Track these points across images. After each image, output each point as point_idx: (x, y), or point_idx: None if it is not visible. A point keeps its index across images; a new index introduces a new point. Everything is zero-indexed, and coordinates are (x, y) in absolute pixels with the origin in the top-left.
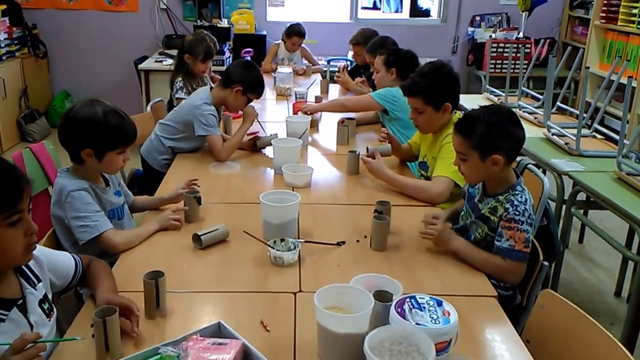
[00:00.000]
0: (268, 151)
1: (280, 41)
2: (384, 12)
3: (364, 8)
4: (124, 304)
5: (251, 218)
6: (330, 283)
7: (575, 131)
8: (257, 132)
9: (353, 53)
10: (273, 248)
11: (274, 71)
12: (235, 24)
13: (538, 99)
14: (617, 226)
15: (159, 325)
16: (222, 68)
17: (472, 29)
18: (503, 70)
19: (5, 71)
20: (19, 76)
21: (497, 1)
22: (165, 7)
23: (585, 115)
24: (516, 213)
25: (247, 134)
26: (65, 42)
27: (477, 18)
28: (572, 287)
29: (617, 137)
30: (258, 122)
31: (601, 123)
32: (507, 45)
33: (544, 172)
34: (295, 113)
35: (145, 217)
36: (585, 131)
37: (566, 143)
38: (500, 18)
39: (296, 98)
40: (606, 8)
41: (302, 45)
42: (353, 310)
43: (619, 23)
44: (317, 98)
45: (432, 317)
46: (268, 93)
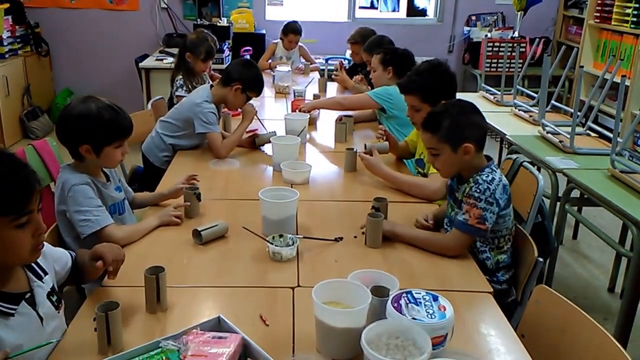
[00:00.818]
0: (267, 148)
1: (278, 40)
2: (381, 12)
3: (362, 7)
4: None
5: (250, 214)
6: (328, 278)
7: (569, 129)
8: (257, 130)
9: (351, 52)
10: (272, 244)
11: (271, 69)
12: (234, 23)
13: (533, 98)
14: (611, 223)
15: (160, 319)
16: (222, 66)
17: (468, 29)
18: (498, 69)
19: (8, 69)
20: (22, 74)
21: (493, 1)
22: (165, 6)
23: (579, 113)
24: (477, 190)
25: (247, 132)
26: (67, 41)
27: (473, 17)
28: (567, 283)
29: (611, 135)
30: (257, 120)
31: (595, 121)
32: (503, 44)
33: (539, 170)
34: (293, 111)
35: (146, 213)
36: (579, 129)
37: (560, 141)
38: (495, 17)
39: (295, 96)
40: (600, 8)
41: (300, 44)
42: (350, 305)
43: (613, 23)
44: (315, 96)
45: (428, 312)
46: (267, 91)
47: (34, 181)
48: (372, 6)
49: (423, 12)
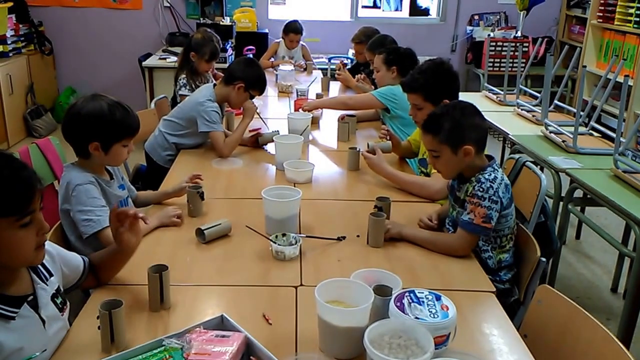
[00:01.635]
0: (270, 147)
1: (280, 39)
2: (384, 11)
3: (364, 7)
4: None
5: (253, 213)
6: (330, 277)
7: (572, 129)
8: (260, 129)
9: (354, 51)
10: (275, 242)
11: (273, 68)
12: (237, 22)
13: (536, 97)
14: (614, 223)
15: (163, 317)
16: (225, 65)
17: (471, 28)
18: (501, 68)
19: (11, 67)
20: (25, 72)
21: (496, 0)
22: (168, 5)
23: (582, 113)
24: (480, 189)
25: (250, 131)
26: (70, 39)
27: (476, 17)
28: (569, 283)
29: (614, 135)
30: (260, 119)
31: (598, 121)
32: (506, 44)
33: (542, 170)
34: (296, 110)
35: (149, 212)
36: (582, 129)
37: (563, 141)
38: (498, 17)
39: (297, 95)
40: (603, 7)
41: (303, 43)
42: (353, 304)
43: (616, 22)
44: (318, 95)
45: (431, 312)
46: (270, 90)
47: (35, 181)
48: (375, 5)
49: (426, 12)
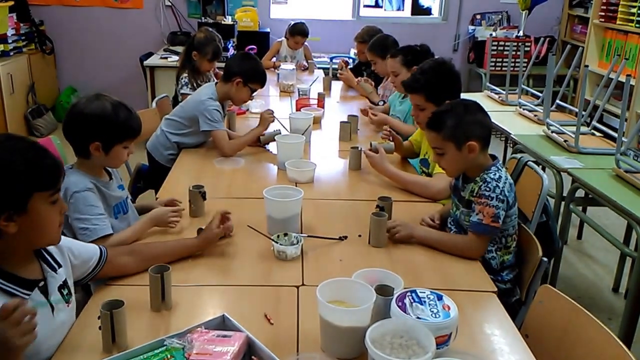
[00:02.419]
0: (272, 147)
1: (283, 39)
2: (386, 10)
3: (366, 6)
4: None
5: (255, 213)
6: (332, 277)
7: (574, 129)
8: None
9: (357, 50)
10: (276, 242)
11: (274, 67)
12: (239, 21)
13: (538, 97)
14: (615, 223)
15: (165, 318)
16: None
17: (473, 27)
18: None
19: (12, 67)
20: (26, 72)
21: (498, 0)
22: (170, 4)
23: (584, 113)
24: (487, 189)
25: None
26: (71, 38)
27: (478, 16)
28: (571, 283)
29: (616, 135)
30: (278, 122)
31: (600, 121)
32: (508, 43)
33: (544, 169)
34: (298, 109)
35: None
36: (584, 129)
37: (565, 140)
38: (500, 16)
39: (299, 95)
40: (605, 7)
41: (305, 42)
42: (355, 303)
43: (618, 22)
44: (320, 95)
45: (433, 311)
46: (271, 90)
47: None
48: (377, 5)
49: (428, 11)
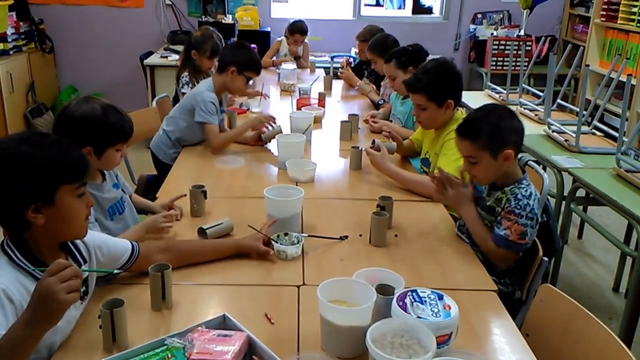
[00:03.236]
0: (272, 147)
1: (282, 38)
2: (387, 9)
3: (367, 5)
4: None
5: (256, 212)
6: (333, 277)
7: (575, 128)
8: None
9: (358, 49)
10: (277, 242)
11: (274, 66)
12: (239, 20)
13: (539, 96)
14: (616, 222)
15: (165, 317)
16: None
17: (474, 27)
18: (504, 67)
19: (12, 65)
20: (26, 71)
21: None
22: (170, 3)
23: (585, 112)
24: (517, 206)
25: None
26: (71, 37)
27: (479, 15)
28: (571, 282)
29: (617, 134)
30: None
31: (601, 120)
32: (509, 42)
33: (544, 169)
34: (299, 109)
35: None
36: (584, 128)
37: (566, 140)
38: (501, 16)
39: (300, 94)
40: (606, 6)
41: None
42: (355, 303)
43: (619, 21)
44: (321, 94)
45: (433, 311)
46: (272, 89)
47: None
48: (378, 4)
49: (429, 10)
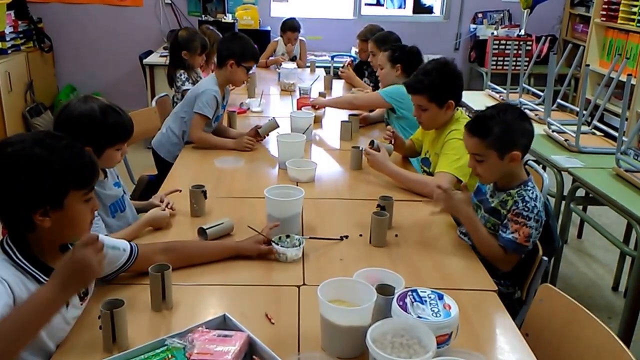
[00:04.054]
0: (272, 146)
1: (279, 37)
2: (387, 9)
3: (368, 4)
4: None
5: (256, 212)
6: (333, 277)
7: (575, 128)
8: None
9: (359, 49)
10: (277, 244)
11: (267, 67)
12: (239, 19)
13: (539, 96)
14: (616, 222)
15: (165, 317)
16: None
17: (475, 26)
18: (504, 67)
19: (10, 65)
20: (25, 70)
21: None
22: (169, 2)
23: (585, 112)
24: (525, 209)
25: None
26: (70, 36)
27: (480, 15)
28: (571, 282)
29: (616, 134)
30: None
31: (600, 120)
32: (509, 42)
33: (544, 168)
34: (299, 108)
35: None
36: (584, 128)
37: (566, 140)
38: (502, 15)
39: (300, 94)
40: (606, 6)
41: (302, 38)
42: (356, 303)
43: (619, 21)
44: (321, 94)
45: (433, 311)
46: (272, 89)
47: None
48: (378, 3)
49: (429, 10)
